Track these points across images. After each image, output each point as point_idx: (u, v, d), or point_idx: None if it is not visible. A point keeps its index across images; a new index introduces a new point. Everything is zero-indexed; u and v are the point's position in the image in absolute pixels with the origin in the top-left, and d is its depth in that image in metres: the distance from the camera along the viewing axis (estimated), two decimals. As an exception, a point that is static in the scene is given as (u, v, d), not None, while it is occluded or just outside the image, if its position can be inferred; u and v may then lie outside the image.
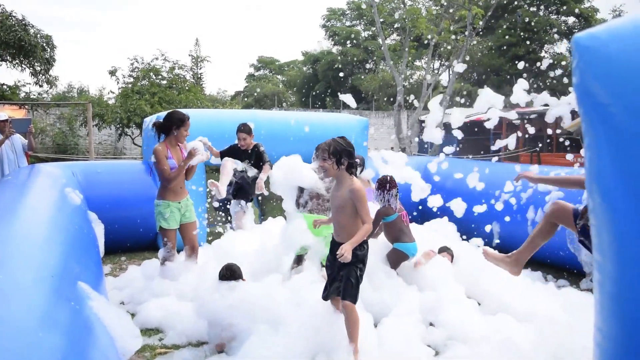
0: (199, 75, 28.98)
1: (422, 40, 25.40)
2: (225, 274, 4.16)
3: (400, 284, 4.93)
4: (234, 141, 6.60)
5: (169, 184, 5.13)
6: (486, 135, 20.10)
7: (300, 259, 5.08)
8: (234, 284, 4.08)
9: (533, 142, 18.17)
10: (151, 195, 6.86)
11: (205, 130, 6.00)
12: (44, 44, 20.41)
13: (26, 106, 20.27)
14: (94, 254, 4.06)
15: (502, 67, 34.79)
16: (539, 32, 34.34)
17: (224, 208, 7.39)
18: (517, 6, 35.89)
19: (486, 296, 4.82)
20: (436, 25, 22.77)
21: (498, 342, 3.74)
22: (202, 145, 5.30)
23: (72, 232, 3.49)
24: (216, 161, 6.47)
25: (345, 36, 42.14)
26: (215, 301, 3.98)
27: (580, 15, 35.30)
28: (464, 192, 6.28)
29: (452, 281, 5.00)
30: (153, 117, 7.63)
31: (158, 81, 21.84)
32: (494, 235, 6.44)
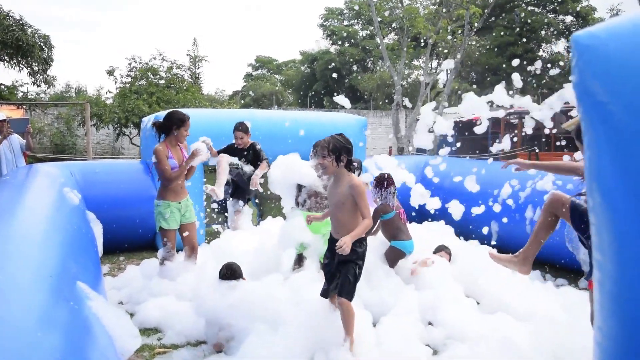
0: (197, 75, 28.97)
1: (420, 40, 25.38)
2: (226, 274, 4.15)
3: (399, 283, 4.93)
4: (232, 141, 6.60)
5: (170, 183, 5.12)
6: (484, 134, 20.10)
7: (301, 260, 5.07)
8: (235, 283, 4.07)
9: (531, 141, 18.17)
10: (149, 195, 6.88)
11: (203, 130, 5.99)
12: (42, 44, 20.39)
13: (24, 106, 20.22)
14: (93, 254, 4.05)
15: (499, 67, 34.80)
16: (536, 31, 34.36)
17: (221, 208, 7.40)
18: (514, 5, 35.92)
19: (485, 295, 4.82)
20: (434, 25, 22.77)
21: (497, 341, 3.74)
22: (206, 147, 5.30)
23: (70, 231, 3.48)
24: (214, 162, 6.46)
25: (343, 36, 42.13)
26: (215, 300, 3.98)
27: (577, 15, 35.37)
28: (462, 192, 6.26)
29: (450, 280, 5.01)
30: (151, 117, 7.62)
31: (156, 81, 21.82)
32: (493, 234, 6.44)
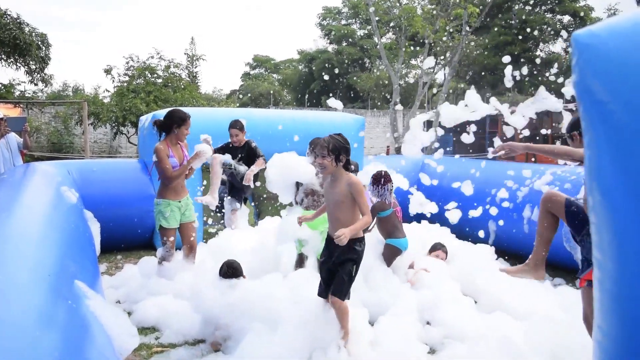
0: (195, 74, 28.91)
1: (418, 40, 25.39)
2: (227, 272, 4.15)
3: (397, 282, 4.93)
4: (228, 139, 6.60)
5: (170, 182, 5.10)
6: (481, 133, 20.13)
7: (302, 260, 5.06)
8: (235, 281, 4.07)
9: (528, 141, 18.19)
10: (147, 193, 6.87)
11: (201, 129, 5.98)
12: (39, 43, 20.28)
13: (21, 105, 20.17)
14: (91, 253, 4.04)
15: (497, 66, 34.78)
16: (534, 31, 34.35)
17: (219, 207, 7.38)
18: (512, 4, 35.93)
19: (482, 294, 4.83)
20: (432, 24, 22.77)
21: (495, 340, 3.74)
22: (209, 149, 5.30)
23: (68, 230, 3.47)
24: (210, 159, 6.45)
25: (341, 35, 42.11)
26: (214, 299, 3.98)
27: (575, 14, 35.39)
28: (461, 192, 6.26)
29: (448, 280, 5.01)
30: (149, 116, 7.60)
31: (153, 80, 21.76)
32: (490, 234, 6.45)
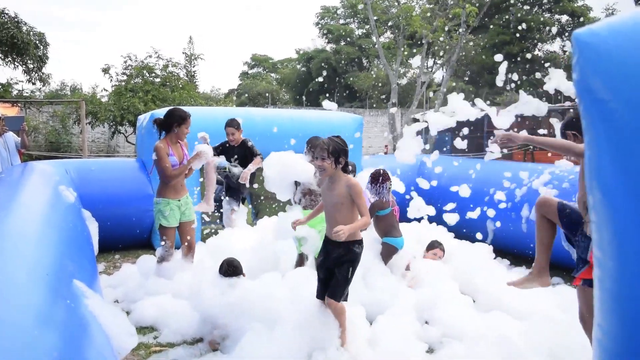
0: (193, 73, 28.91)
1: (416, 40, 25.39)
2: (227, 270, 4.15)
3: (395, 282, 4.93)
4: (225, 138, 6.59)
5: (170, 181, 5.09)
6: (479, 132, 20.14)
7: (302, 260, 5.05)
8: (235, 280, 4.07)
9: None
10: (145, 193, 6.86)
11: (199, 128, 5.98)
12: (37, 42, 20.25)
13: (19, 104, 20.15)
14: (89, 252, 4.02)
15: (495, 66, 34.73)
16: (532, 31, 34.39)
17: (217, 207, 7.38)
18: (510, 4, 35.95)
19: (481, 293, 4.83)
20: (430, 23, 22.78)
21: (493, 339, 3.75)
22: (210, 150, 5.30)
23: (66, 230, 3.46)
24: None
25: (339, 34, 42.09)
26: (213, 297, 3.97)
27: (573, 14, 35.43)
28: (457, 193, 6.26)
29: (446, 279, 5.01)
30: (147, 115, 7.59)
31: (151, 79, 21.76)
32: (489, 233, 6.44)
